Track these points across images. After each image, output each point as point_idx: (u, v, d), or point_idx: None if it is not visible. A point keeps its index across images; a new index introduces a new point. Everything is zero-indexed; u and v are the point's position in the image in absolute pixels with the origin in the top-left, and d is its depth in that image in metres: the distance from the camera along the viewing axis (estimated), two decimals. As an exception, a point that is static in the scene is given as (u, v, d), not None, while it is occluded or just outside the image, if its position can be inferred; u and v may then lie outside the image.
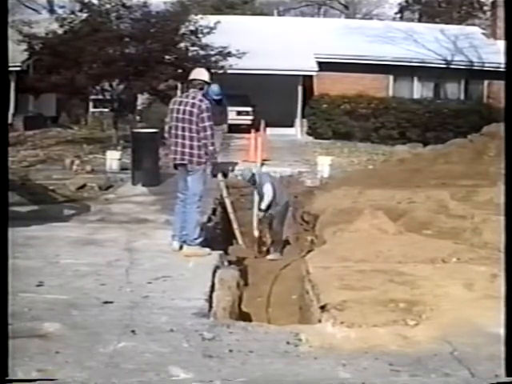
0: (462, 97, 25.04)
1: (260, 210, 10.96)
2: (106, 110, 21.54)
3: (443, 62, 24.24)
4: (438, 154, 14.76)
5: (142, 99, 23.15)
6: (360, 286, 6.20)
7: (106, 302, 5.82)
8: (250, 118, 23.56)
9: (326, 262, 7.27)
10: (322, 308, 5.79)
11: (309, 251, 9.13)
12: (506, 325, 4.11)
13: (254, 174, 11.40)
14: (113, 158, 14.47)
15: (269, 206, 10.94)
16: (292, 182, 14.58)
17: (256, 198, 12.20)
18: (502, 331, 4.14)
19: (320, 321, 5.68)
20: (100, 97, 20.11)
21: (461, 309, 5.47)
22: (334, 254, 7.59)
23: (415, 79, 24.99)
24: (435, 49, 24.52)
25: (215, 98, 13.51)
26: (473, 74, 24.20)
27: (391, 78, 24.88)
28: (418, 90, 25.13)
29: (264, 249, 11.16)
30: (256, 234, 11.62)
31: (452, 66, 24.11)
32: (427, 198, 10.52)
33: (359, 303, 5.69)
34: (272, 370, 4.48)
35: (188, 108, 7.43)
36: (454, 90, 25.18)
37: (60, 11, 21.69)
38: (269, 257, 10.72)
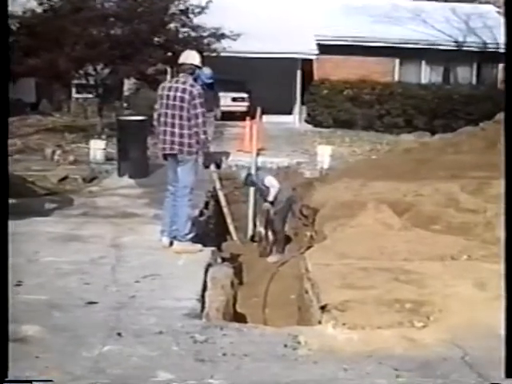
0: (474, 81, 24.93)
1: (267, 201, 10.88)
2: (90, 95, 21.43)
3: (454, 43, 24.15)
4: (448, 144, 14.76)
5: (128, 84, 23.09)
6: (363, 285, 6.22)
7: (90, 303, 5.82)
8: (246, 104, 23.50)
9: (327, 259, 7.28)
10: (323, 308, 5.80)
11: (308, 247, 9.14)
12: (506, 325, 4.15)
13: (249, 174, 11.35)
14: (97, 148, 14.43)
15: (275, 199, 10.90)
16: (290, 174, 14.57)
17: (252, 192, 12.20)
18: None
19: (320, 322, 5.69)
20: (83, 82, 20.02)
21: (472, 310, 5.48)
22: (335, 251, 7.60)
23: (423, 63, 24.93)
24: (445, 29, 24.44)
25: (207, 81, 13.50)
26: (486, 57, 24.14)
27: (397, 61, 24.82)
28: (426, 74, 25.08)
29: (267, 248, 11.08)
30: (252, 231, 11.57)
31: (463, 48, 23.98)
32: (435, 191, 10.53)
33: (362, 303, 5.70)
34: (268, 374, 4.49)
35: (178, 94, 7.41)
36: (465, 74, 25.11)
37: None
38: (269, 259, 10.67)
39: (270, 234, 11.05)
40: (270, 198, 10.77)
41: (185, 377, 4.41)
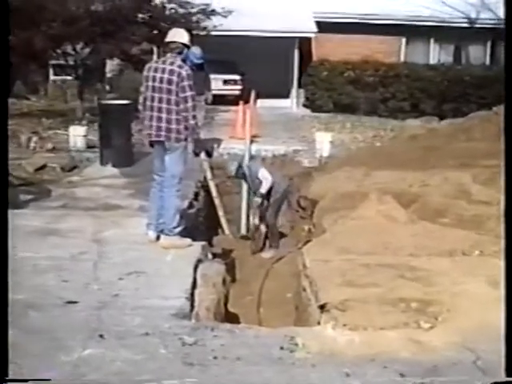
0: (488, 62, 24.90)
1: (259, 194, 10.88)
2: (69, 77, 21.42)
3: (466, 20, 24.09)
4: (458, 130, 14.79)
5: (111, 65, 23.06)
6: (365, 283, 6.23)
7: (69, 302, 5.82)
8: (238, 87, 23.50)
9: (326, 254, 7.29)
10: (322, 308, 5.81)
11: (306, 242, 9.14)
12: (506, 325, 4.20)
13: (240, 166, 11.34)
14: (77, 135, 14.39)
15: (268, 192, 10.89)
16: (286, 162, 14.57)
17: (245, 185, 12.19)
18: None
19: (319, 323, 5.70)
20: (61, 62, 19.99)
21: (484, 310, 5.49)
22: (335, 245, 7.61)
23: (432, 41, 24.93)
24: (456, 5, 24.31)
25: (196, 61, 13.47)
26: (501, 35, 24.04)
27: (403, 40, 24.83)
28: (435, 54, 25.07)
29: (259, 243, 11.09)
30: (246, 224, 11.56)
31: (476, 26, 23.92)
32: (444, 181, 10.54)
33: (364, 302, 5.71)
34: (263, 379, 4.49)
35: (166, 76, 7.39)
36: (478, 53, 25.06)
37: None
38: (263, 254, 10.68)
39: (262, 228, 11.04)
40: (263, 190, 10.76)
41: (172, 382, 4.41)
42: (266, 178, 10.78)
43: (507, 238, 4.38)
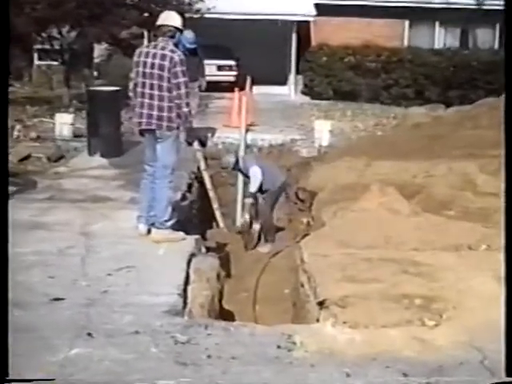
0: (497, 46, 24.81)
1: (249, 194, 10.88)
2: (55, 62, 21.36)
3: (473, 1, 23.97)
4: (464, 117, 14.79)
5: (99, 50, 23.00)
6: (366, 278, 6.23)
7: (56, 299, 5.82)
8: (233, 73, 23.50)
9: (325, 248, 7.30)
10: (321, 304, 5.82)
11: (304, 236, 9.15)
12: (506, 325, 4.22)
13: (237, 160, 11.33)
14: (64, 123, 14.39)
15: (260, 189, 10.87)
16: (284, 152, 14.57)
17: (241, 176, 12.18)
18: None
19: (318, 320, 5.71)
20: (47, 46, 19.92)
21: (491, 307, 5.48)
22: (335, 239, 7.62)
23: (437, 24, 24.90)
24: (463, -15, 24.36)
25: (189, 46, 13.45)
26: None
27: (406, 23, 24.82)
28: (441, 38, 25.05)
29: (254, 241, 11.06)
30: (241, 221, 11.52)
31: (485, 7, 23.84)
32: (450, 171, 10.56)
33: (365, 299, 5.72)
34: (259, 379, 4.50)
35: (157, 61, 7.37)
36: (486, 37, 24.99)
37: None
38: (260, 249, 10.67)
39: (255, 226, 11.00)
40: (252, 189, 10.75)
41: (165, 382, 4.41)
42: (255, 176, 10.71)
43: (507, 239, 4.40)
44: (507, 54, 4.76)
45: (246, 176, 11.07)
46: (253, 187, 10.71)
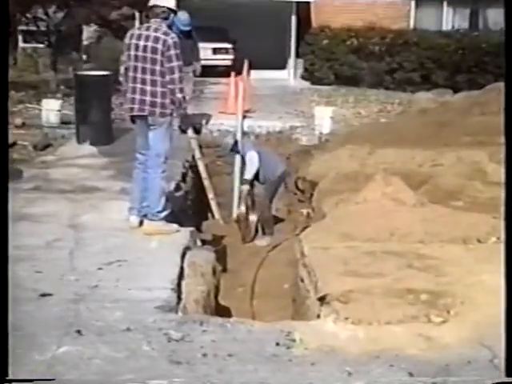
0: (509, 26, 24.76)
1: (245, 181, 10.86)
2: (41, 45, 21.30)
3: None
4: (473, 103, 14.76)
5: (88, 32, 22.95)
6: (369, 272, 6.24)
7: (43, 295, 5.83)
8: (230, 57, 23.46)
9: (326, 241, 7.30)
10: (321, 300, 5.82)
11: (304, 228, 9.16)
12: (506, 325, 4.26)
13: (236, 142, 11.33)
14: (51, 109, 14.37)
15: (257, 177, 10.86)
16: (283, 140, 14.56)
17: (238, 161, 12.17)
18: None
19: (318, 316, 5.71)
20: (32, 28, 19.87)
21: (501, 302, 5.50)
22: (337, 231, 7.62)
23: (445, 4, 24.80)
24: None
25: (183, 28, 13.44)
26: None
27: (412, 3, 24.75)
28: (449, 18, 24.94)
29: (251, 233, 11.04)
30: (237, 212, 11.50)
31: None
32: (458, 160, 10.56)
33: (368, 294, 5.72)
34: (257, 378, 4.51)
35: (150, 44, 7.37)
36: (497, 17, 24.75)
37: None
38: (257, 242, 10.67)
39: (252, 217, 10.97)
40: (247, 176, 10.73)
41: (157, 382, 4.42)
42: (251, 161, 10.70)
43: (507, 240, 4.42)
44: (507, 55, 4.70)
45: (243, 160, 11.06)
46: (248, 173, 10.69)
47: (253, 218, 10.93)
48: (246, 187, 10.81)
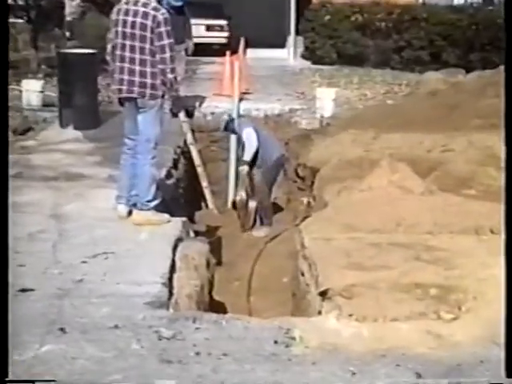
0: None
1: (243, 162, 10.84)
2: (20, 20, 21.20)
3: None
4: (487, 84, 14.73)
5: (71, 7, 22.86)
6: (374, 265, 6.25)
7: (24, 290, 5.82)
8: (225, 34, 23.44)
9: (328, 231, 7.31)
10: (323, 295, 5.83)
11: (304, 218, 9.18)
12: (506, 325, 4.28)
13: (232, 120, 11.32)
14: (32, 90, 14.36)
15: (254, 159, 10.86)
16: (281, 124, 14.56)
17: (233, 146, 12.17)
18: None
19: (320, 312, 5.72)
20: (10, 1, 19.78)
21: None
22: (339, 222, 7.63)
23: (457, -24, 24.79)
24: None
25: (175, 3, 13.41)
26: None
27: (421, -25, 24.73)
28: (461, -9, 24.93)
29: (250, 221, 11.05)
30: (237, 198, 11.50)
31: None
32: (470, 145, 10.55)
33: (373, 288, 5.73)
34: (254, 378, 4.52)
35: (139, 20, 7.35)
36: (514, -11, 24.88)
37: None
38: (255, 233, 10.69)
39: (251, 203, 10.98)
40: (246, 158, 10.72)
41: (147, 383, 4.43)
42: (249, 140, 10.70)
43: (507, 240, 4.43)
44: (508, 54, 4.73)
45: (240, 142, 11.05)
46: (247, 154, 10.69)
47: (252, 204, 10.93)
48: (245, 168, 10.79)
